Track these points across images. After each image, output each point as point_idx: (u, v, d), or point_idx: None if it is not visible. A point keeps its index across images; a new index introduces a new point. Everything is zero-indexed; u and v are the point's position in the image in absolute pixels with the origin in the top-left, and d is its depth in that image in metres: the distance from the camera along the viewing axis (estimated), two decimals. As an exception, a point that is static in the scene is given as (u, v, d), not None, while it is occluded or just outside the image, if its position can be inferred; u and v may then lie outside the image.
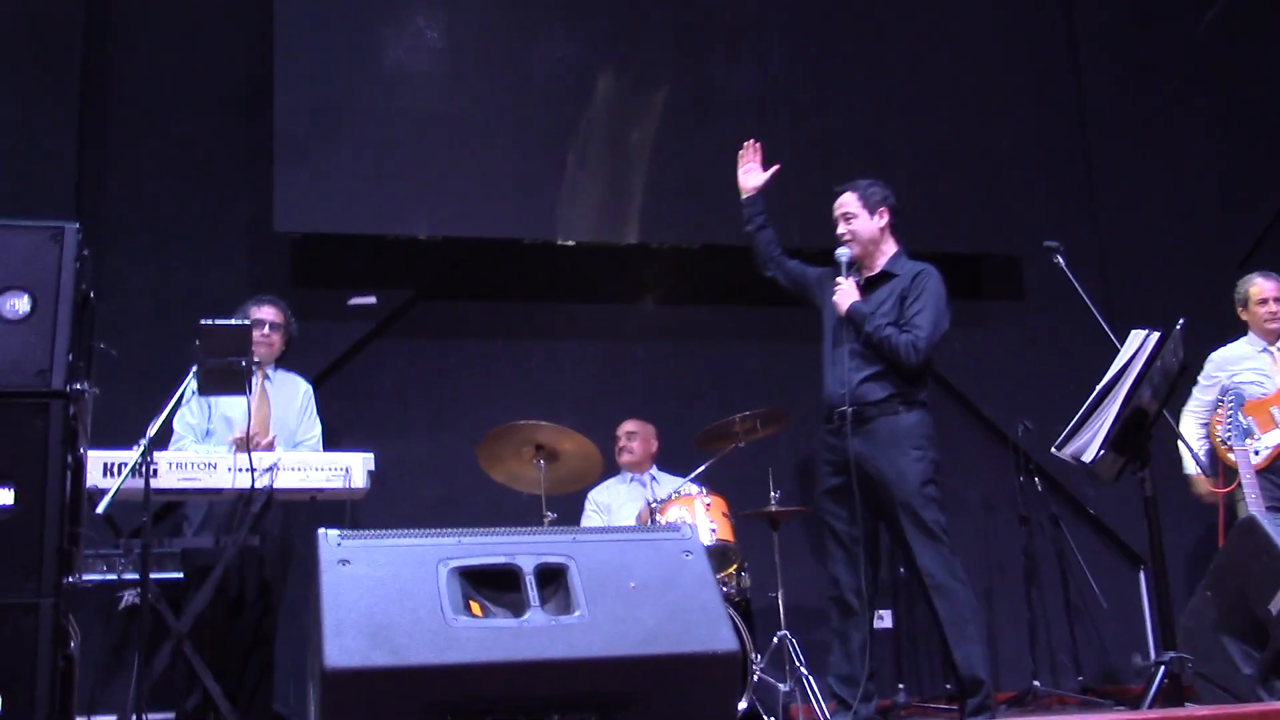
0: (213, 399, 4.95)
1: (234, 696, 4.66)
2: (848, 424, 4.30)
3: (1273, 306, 5.34)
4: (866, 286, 4.48)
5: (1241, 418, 5.14)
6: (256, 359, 5.04)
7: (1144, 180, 7.44)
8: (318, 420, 5.30)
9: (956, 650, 4.11)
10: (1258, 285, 5.41)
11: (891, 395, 4.28)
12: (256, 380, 4.97)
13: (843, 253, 4.49)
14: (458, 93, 6.32)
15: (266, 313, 5.21)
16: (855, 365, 4.35)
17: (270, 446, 4.85)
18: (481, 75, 6.38)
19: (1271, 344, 5.39)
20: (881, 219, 4.51)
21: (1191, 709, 3.10)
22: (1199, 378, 5.50)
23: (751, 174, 4.95)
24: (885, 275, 4.47)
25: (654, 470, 5.91)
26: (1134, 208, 7.39)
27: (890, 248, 4.53)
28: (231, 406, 4.89)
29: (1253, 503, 4.68)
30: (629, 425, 5.93)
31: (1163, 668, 3.49)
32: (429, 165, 6.20)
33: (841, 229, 4.54)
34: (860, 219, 4.51)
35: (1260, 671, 3.28)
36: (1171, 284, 7.08)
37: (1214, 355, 5.51)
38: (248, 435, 4.42)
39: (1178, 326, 3.75)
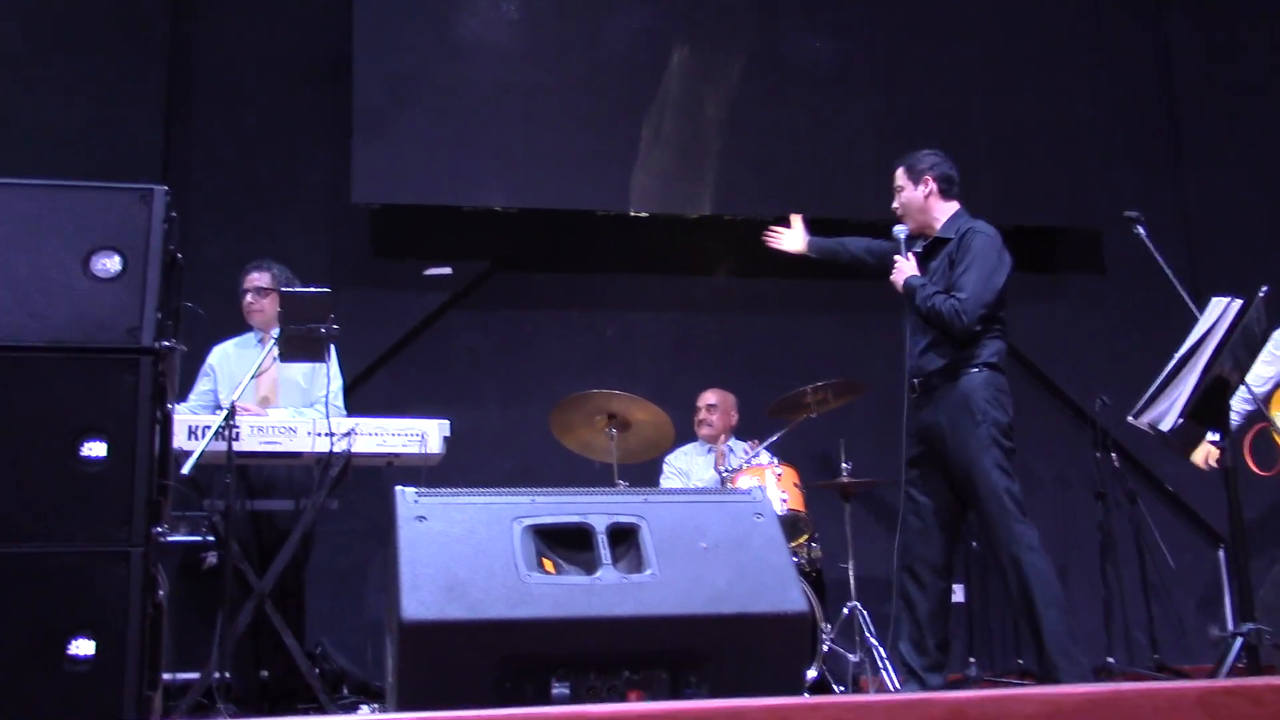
0: (218, 367, 5.04)
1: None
2: (915, 394, 4.32)
3: None
4: (926, 254, 4.46)
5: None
6: (253, 325, 5.12)
7: (1230, 150, 7.29)
8: (338, 374, 5.10)
9: (1027, 622, 4.05)
10: None
11: (950, 363, 4.26)
12: (263, 346, 4.95)
13: (898, 229, 4.52)
14: (533, 64, 6.36)
15: (254, 279, 5.10)
16: (917, 337, 4.36)
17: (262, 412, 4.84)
18: (557, 47, 6.42)
19: None
20: (926, 186, 4.46)
21: (1269, 679, 3.05)
22: (1264, 351, 5.34)
23: (788, 242, 4.94)
24: (940, 241, 4.44)
25: (732, 441, 5.92)
26: (1219, 178, 7.24)
27: (944, 213, 4.47)
28: (239, 375, 4.78)
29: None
30: (709, 397, 5.92)
31: (1240, 639, 3.46)
32: (504, 137, 6.26)
33: (895, 204, 4.57)
34: (906, 191, 4.51)
35: (1341, 645, 3.24)
36: (1257, 255, 6.92)
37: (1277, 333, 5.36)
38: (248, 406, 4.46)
39: (1260, 294, 3.67)
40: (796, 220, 4.93)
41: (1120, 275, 6.81)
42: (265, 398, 4.97)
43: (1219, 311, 3.69)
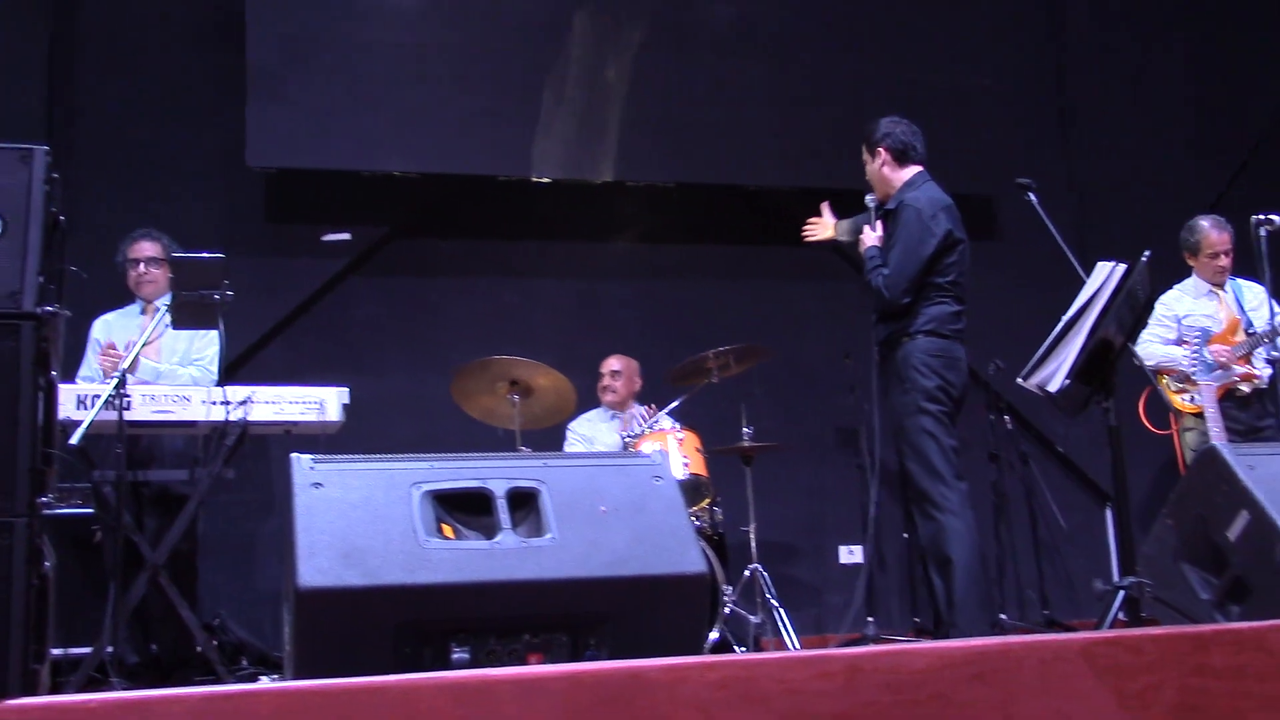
0: (103, 336, 4.90)
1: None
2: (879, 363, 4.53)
3: (1224, 261, 5.39)
4: (886, 221, 4.58)
5: (1206, 353, 5.21)
6: (143, 297, 5.01)
7: (1119, 120, 7.48)
8: (216, 341, 4.89)
9: (939, 578, 4.23)
10: (1212, 237, 5.41)
11: (892, 332, 4.43)
12: (146, 315, 4.90)
13: (869, 198, 4.65)
14: (433, 26, 6.27)
15: (145, 249, 4.99)
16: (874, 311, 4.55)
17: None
18: (457, 8, 6.34)
19: (1218, 288, 5.47)
20: (879, 157, 4.60)
21: (1148, 630, 3.17)
22: (1153, 318, 5.56)
23: (821, 232, 4.99)
24: (891, 210, 4.56)
25: (635, 407, 5.94)
26: (1109, 147, 7.43)
27: (900, 180, 4.58)
28: (124, 339, 4.77)
29: (1215, 434, 4.76)
30: (613, 363, 5.93)
31: (1122, 592, 3.58)
32: (404, 100, 6.17)
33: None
34: (868, 164, 4.67)
35: (1217, 596, 3.35)
36: (1144, 223, 7.11)
37: (1164, 298, 5.57)
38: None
39: (1143, 259, 3.78)
40: (825, 208, 4.98)
41: (1013, 240, 6.95)
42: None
43: (1104, 276, 3.79)
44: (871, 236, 4.53)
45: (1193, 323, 5.41)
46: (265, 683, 4.51)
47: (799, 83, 6.67)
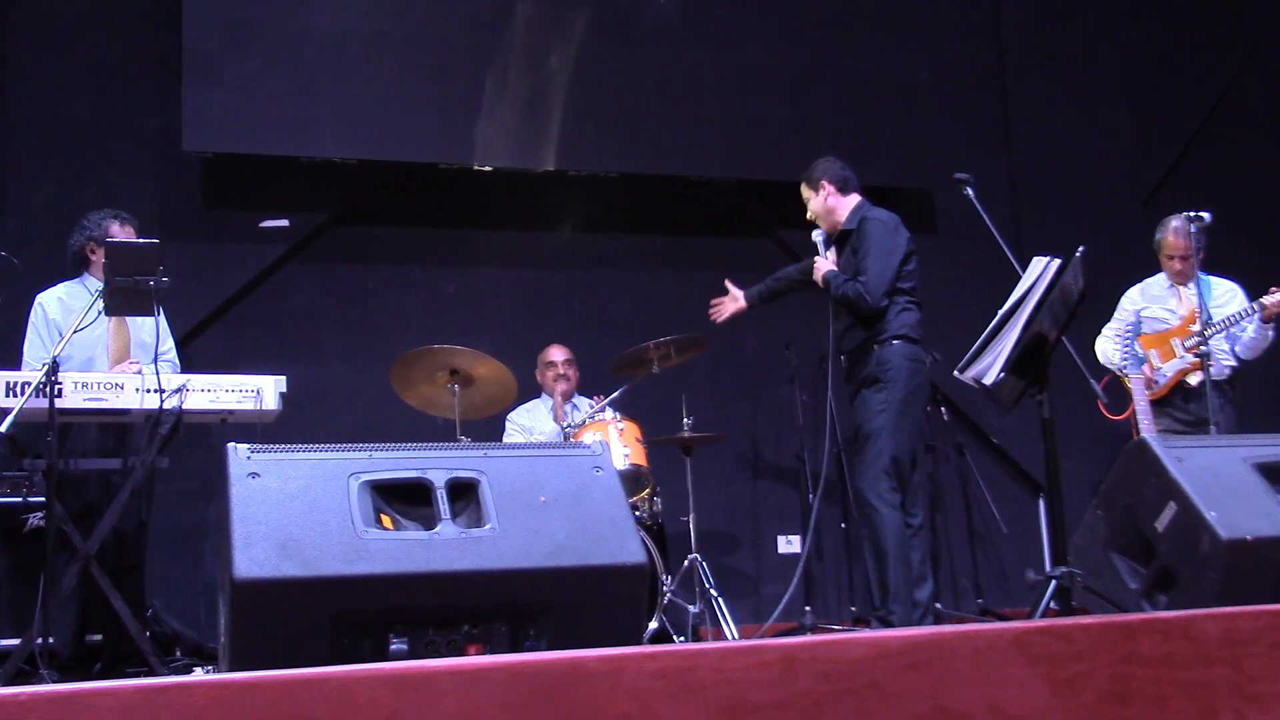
0: (59, 315, 4.77)
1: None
2: (845, 369, 4.85)
3: (1178, 265, 5.47)
4: (838, 248, 4.94)
5: (1138, 348, 5.32)
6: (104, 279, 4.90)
7: (1057, 116, 7.59)
8: (170, 335, 5.00)
9: (869, 565, 4.53)
10: (1169, 242, 5.47)
11: (866, 339, 4.71)
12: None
13: (816, 234, 5.03)
14: (375, 12, 6.21)
15: (119, 233, 4.88)
16: (841, 320, 4.86)
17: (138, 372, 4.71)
18: (399, -6, 6.28)
19: (1179, 285, 5.56)
20: (824, 190, 4.96)
21: (1079, 619, 3.24)
22: (1117, 309, 5.68)
23: (730, 308, 5.33)
24: (846, 233, 4.89)
25: (576, 397, 5.93)
26: (1046, 143, 7.54)
27: (846, 208, 4.94)
28: (86, 331, 4.57)
29: (1145, 426, 4.86)
30: (561, 353, 5.89)
31: (1053, 581, 3.65)
32: (345, 86, 6.10)
33: (809, 214, 5.05)
34: (811, 200, 5.02)
35: (1145, 586, 3.43)
36: (1080, 218, 7.25)
37: (1127, 293, 5.69)
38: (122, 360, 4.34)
39: (1077, 254, 3.84)
40: (730, 285, 5.32)
41: (952, 234, 7.02)
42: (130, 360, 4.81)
43: (1039, 270, 3.85)
44: (825, 264, 4.85)
45: (1150, 315, 5.51)
46: (200, 675, 4.47)
47: (742, 74, 6.70)
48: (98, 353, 4.82)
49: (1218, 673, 2.41)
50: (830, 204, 4.95)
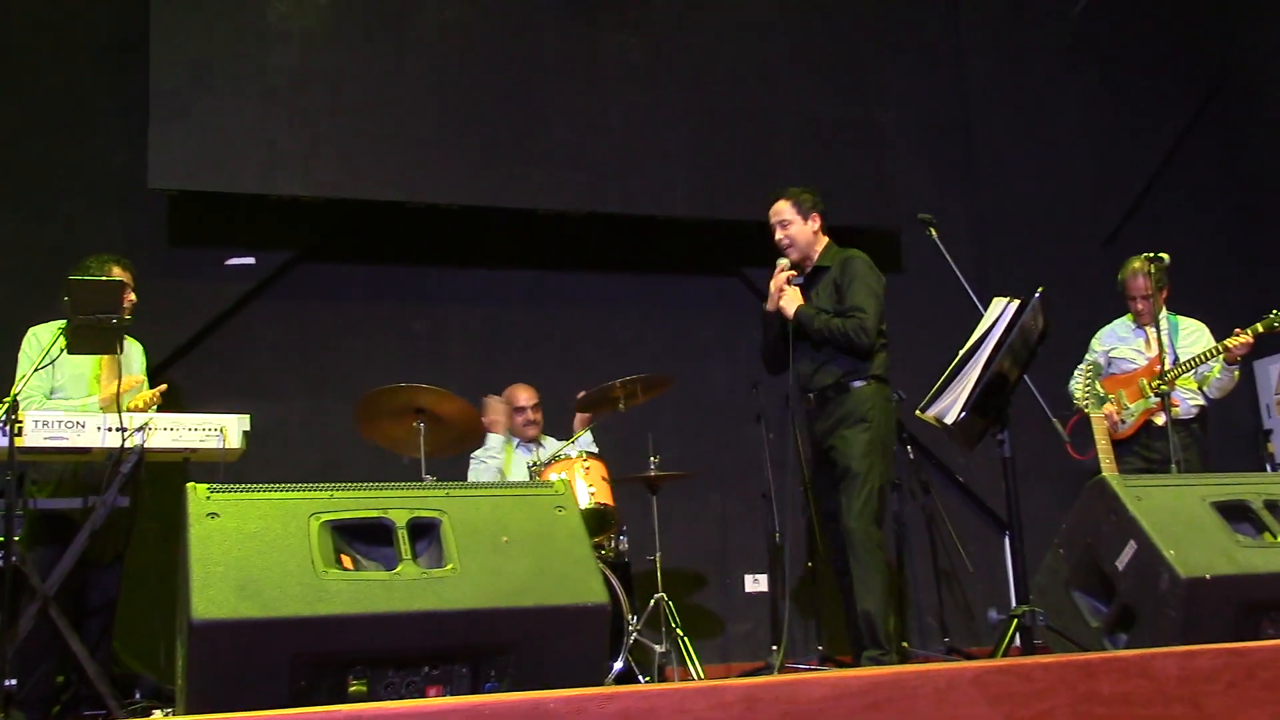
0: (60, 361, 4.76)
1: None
2: (811, 406, 4.73)
3: (1139, 305, 5.53)
4: (806, 283, 4.84)
5: (1099, 388, 5.37)
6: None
7: (1020, 157, 7.69)
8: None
9: (861, 603, 4.40)
10: (1130, 283, 5.53)
11: (843, 376, 4.63)
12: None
13: (783, 262, 4.83)
14: (340, 51, 6.23)
15: (120, 274, 4.89)
16: (812, 355, 4.72)
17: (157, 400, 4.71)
18: (367, 33, 6.31)
19: (1143, 325, 5.62)
20: (815, 223, 4.85)
21: (1039, 658, 3.25)
22: (1089, 349, 5.75)
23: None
24: (819, 270, 4.82)
25: (541, 436, 5.91)
26: (1009, 183, 7.64)
27: (821, 244, 4.87)
28: (82, 364, 4.69)
29: (1105, 466, 4.90)
30: (530, 396, 5.87)
31: (1015, 620, 3.66)
32: (311, 124, 6.11)
33: (779, 235, 4.87)
34: (796, 225, 4.84)
35: (1105, 624, 3.45)
36: (1043, 258, 7.33)
37: (1100, 331, 5.76)
38: (118, 393, 4.33)
39: (1036, 295, 3.89)
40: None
41: (917, 274, 7.07)
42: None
43: (999, 311, 3.90)
44: (795, 295, 4.74)
45: (1118, 356, 5.58)
46: (158, 717, 4.41)
47: (708, 115, 6.75)
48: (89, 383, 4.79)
49: (1177, 711, 2.42)
50: (815, 235, 4.84)
